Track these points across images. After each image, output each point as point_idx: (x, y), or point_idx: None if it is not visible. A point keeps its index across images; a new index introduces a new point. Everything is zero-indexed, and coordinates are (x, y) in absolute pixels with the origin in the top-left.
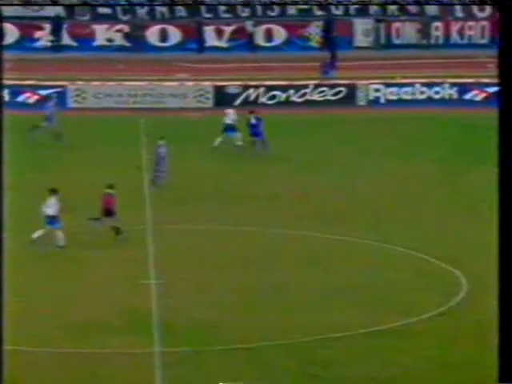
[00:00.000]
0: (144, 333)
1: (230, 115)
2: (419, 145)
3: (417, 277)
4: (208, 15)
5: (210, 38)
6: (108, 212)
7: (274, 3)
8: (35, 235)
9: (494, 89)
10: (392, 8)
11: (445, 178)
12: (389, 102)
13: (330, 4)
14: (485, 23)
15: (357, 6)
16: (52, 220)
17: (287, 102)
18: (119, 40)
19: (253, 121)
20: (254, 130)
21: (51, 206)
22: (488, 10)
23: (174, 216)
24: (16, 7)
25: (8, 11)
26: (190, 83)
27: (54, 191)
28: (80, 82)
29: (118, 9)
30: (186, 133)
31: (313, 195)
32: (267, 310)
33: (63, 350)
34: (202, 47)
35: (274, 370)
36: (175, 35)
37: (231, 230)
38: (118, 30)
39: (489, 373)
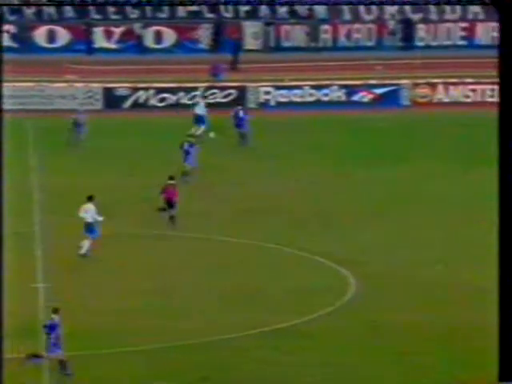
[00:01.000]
0: (31, 337)
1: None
2: (309, 148)
3: (306, 277)
4: (97, 16)
5: (99, 39)
6: (170, 202)
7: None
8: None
9: (382, 90)
10: (281, 11)
11: (337, 180)
12: (279, 104)
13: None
14: (372, 26)
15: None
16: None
17: (177, 105)
18: (6, 41)
19: (241, 114)
20: (241, 123)
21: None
22: (375, 12)
23: (64, 219)
24: None
25: None
26: (79, 85)
27: (90, 198)
28: None
29: (5, 8)
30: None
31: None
32: (158, 313)
33: None
34: (90, 49)
35: (166, 372)
36: (63, 36)
37: (125, 234)
38: (5, 31)
39: (376, 373)
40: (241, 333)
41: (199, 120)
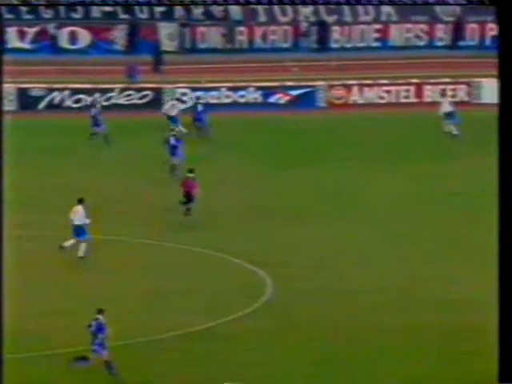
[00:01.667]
0: None
1: None
2: (226, 149)
3: (224, 279)
4: (9, 16)
5: (12, 39)
6: (189, 195)
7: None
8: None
9: (298, 92)
10: (196, 12)
11: (253, 180)
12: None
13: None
14: (287, 28)
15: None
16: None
17: (93, 106)
18: None
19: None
20: (200, 116)
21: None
22: (290, 14)
23: None
24: None
25: None
26: None
27: (81, 201)
28: None
29: None
30: None
31: (119, 199)
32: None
33: None
34: (3, 49)
35: (78, 374)
36: None
37: (38, 236)
38: None
39: (289, 371)
40: (155, 336)
41: (174, 120)
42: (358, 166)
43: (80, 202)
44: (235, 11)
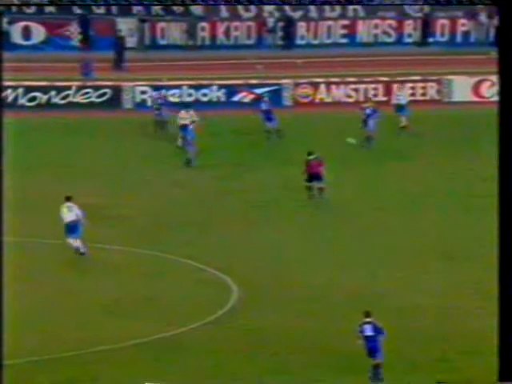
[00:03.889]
0: None
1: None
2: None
3: (189, 286)
4: None
5: None
6: (317, 175)
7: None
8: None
9: (263, 90)
10: (156, 8)
11: (221, 183)
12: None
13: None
14: (251, 23)
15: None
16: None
17: (48, 104)
18: None
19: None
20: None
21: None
22: (254, 9)
23: None
24: None
25: None
26: None
27: (69, 198)
28: None
29: None
30: None
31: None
32: (32, 325)
33: None
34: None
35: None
36: None
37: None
38: None
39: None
40: (117, 344)
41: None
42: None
43: (68, 199)
44: (196, 6)
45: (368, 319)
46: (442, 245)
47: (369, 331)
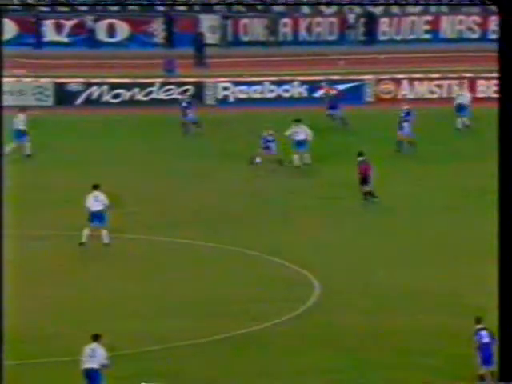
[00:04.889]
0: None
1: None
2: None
3: (271, 282)
4: (46, 9)
5: (49, 32)
6: (364, 179)
7: None
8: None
9: (345, 86)
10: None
11: (298, 179)
12: (238, 100)
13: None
14: (333, 19)
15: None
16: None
17: (132, 101)
18: None
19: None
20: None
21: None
22: (336, 6)
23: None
24: None
25: None
26: (28, 80)
27: (96, 187)
28: None
29: None
30: None
31: (161, 198)
32: (109, 319)
33: None
34: (40, 42)
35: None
36: (11, 29)
37: (59, 235)
38: None
39: (340, 377)
40: (199, 339)
41: None
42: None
43: (95, 187)
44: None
45: (480, 325)
46: None
47: (486, 338)
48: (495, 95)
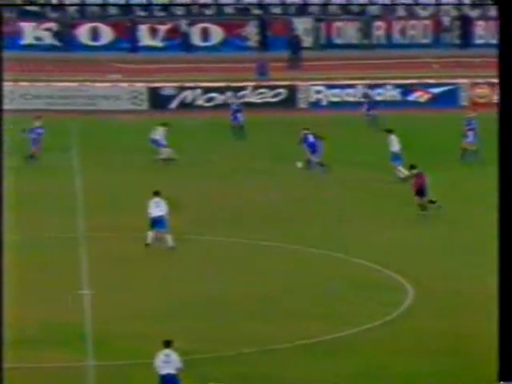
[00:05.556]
0: (72, 346)
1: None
2: (356, 148)
3: (361, 285)
4: (141, 13)
5: (144, 37)
6: (421, 191)
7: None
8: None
9: (439, 89)
10: (332, 7)
11: (381, 185)
12: (331, 103)
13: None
14: (427, 22)
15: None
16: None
17: (225, 105)
18: (48, 38)
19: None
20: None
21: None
22: (430, 8)
23: (107, 223)
24: None
25: None
26: (123, 84)
27: (157, 193)
28: (6, 83)
29: (47, 6)
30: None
31: (248, 200)
32: (203, 320)
33: None
34: (135, 47)
35: None
36: (107, 34)
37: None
38: (47, 29)
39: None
40: (288, 343)
41: None
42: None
43: (156, 194)
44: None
45: None
46: None
47: None
48: None
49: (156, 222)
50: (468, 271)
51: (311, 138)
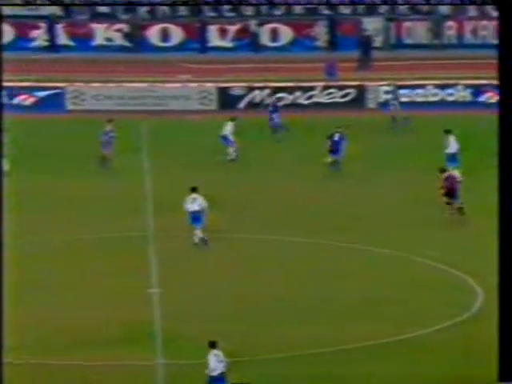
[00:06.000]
0: (141, 344)
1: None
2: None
3: (431, 286)
4: (211, 14)
5: (214, 37)
6: (451, 193)
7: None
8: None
9: None
10: (403, 6)
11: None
12: (400, 104)
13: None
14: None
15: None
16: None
17: (294, 104)
18: (119, 40)
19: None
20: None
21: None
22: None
23: (175, 223)
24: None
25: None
26: (192, 85)
27: (194, 189)
28: (78, 84)
29: (118, 7)
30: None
31: (323, 202)
32: (276, 320)
33: (62, 363)
34: (204, 47)
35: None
36: (177, 35)
37: (235, 238)
38: (118, 30)
39: None
40: (346, 345)
41: None
42: None
43: (194, 190)
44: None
45: None
46: None
47: None
48: None
49: (193, 218)
50: None
51: (336, 137)
